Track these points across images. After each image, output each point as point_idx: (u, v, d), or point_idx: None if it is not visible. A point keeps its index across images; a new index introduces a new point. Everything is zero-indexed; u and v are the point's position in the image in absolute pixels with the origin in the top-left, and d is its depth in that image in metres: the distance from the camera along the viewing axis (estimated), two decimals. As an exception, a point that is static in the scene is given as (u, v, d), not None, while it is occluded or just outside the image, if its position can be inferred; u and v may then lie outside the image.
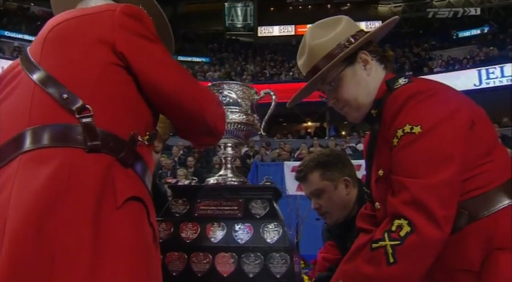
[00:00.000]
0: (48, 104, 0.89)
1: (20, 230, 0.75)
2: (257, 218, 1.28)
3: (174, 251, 1.25)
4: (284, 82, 16.63)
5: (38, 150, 0.84)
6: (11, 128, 0.90)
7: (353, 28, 1.24)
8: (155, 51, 0.99)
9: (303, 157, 11.04)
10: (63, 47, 0.98)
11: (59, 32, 1.01)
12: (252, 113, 1.45)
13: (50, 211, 0.77)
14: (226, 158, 1.45)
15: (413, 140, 1.02)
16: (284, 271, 1.19)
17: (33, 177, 0.80)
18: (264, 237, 1.24)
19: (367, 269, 1.00)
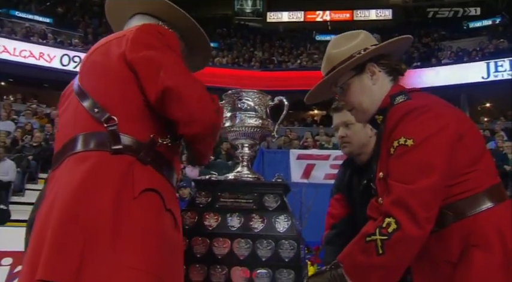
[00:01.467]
0: (84, 116, 1.12)
1: (62, 214, 0.99)
2: (269, 210, 1.49)
3: (198, 236, 1.47)
4: (292, 70, 16.67)
5: (78, 153, 1.08)
6: (64, 136, 1.15)
7: (368, 42, 1.41)
8: (158, 57, 1.12)
9: (308, 145, 11.21)
10: (97, 66, 1.19)
11: (97, 51, 1.24)
12: (266, 118, 1.65)
13: (82, 201, 0.99)
14: (243, 156, 1.66)
15: (406, 151, 1.20)
16: (292, 256, 1.41)
17: (72, 174, 1.04)
18: (276, 227, 1.46)
19: (360, 258, 1.21)
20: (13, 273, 3.68)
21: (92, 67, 1.20)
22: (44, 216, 1.03)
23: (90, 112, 1.11)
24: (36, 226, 1.05)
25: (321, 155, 7.57)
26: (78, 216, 0.97)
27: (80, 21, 18.20)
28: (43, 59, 14.45)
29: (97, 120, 1.09)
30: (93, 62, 1.21)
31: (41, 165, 9.26)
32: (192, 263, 1.43)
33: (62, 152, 1.13)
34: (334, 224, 2.04)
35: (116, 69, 1.14)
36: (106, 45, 1.22)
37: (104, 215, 0.98)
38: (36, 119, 11.44)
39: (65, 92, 1.29)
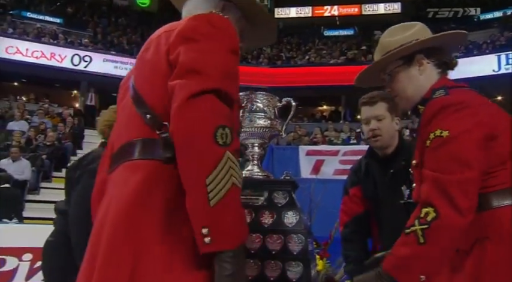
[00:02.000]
0: (138, 120, 1.06)
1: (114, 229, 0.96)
2: (279, 206, 1.57)
3: (211, 231, 1.56)
4: (300, 66, 16.67)
5: (132, 161, 1.03)
6: (120, 136, 1.12)
7: (423, 34, 1.45)
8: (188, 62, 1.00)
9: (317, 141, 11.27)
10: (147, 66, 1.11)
11: (150, 47, 1.14)
12: (275, 118, 1.73)
13: (135, 216, 0.96)
14: (253, 155, 1.75)
15: (442, 143, 1.24)
16: (300, 249, 1.49)
17: (126, 186, 1.00)
18: (284, 222, 1.54)
19: (402, 251, 1.23)
20: (33, 268, 3.82)
21: (143, 67, 1.13)
22: (99, 224, 1.02)
23: (143, 117, 1.05)
24: (93, 232, 1.04)
25: (330, 150, 7.62)
26: (129, 232, 0.95)
27: (89, 21, 18.43)
28: (54, 59, 14.68)
29: (150, 127, 1.03)
30: (144, 60, 1.13)
31: (55, 164, 9.47)
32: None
33: (118, 156, 1.09)
34: (348, 222, 2.10)
35: (163, 71, 1.05)
36: (158, 39, 1.12)
37: (156, 232, 0.95)
38: (48, 118, 11.67)
39: (123, 84, 1.23)
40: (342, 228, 2.13)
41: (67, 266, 1.96)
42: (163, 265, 0.93)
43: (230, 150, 0.94)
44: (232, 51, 1.07)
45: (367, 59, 16.67)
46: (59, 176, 9.47)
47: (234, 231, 0.92)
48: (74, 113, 12.99)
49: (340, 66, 16.39)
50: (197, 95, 0.94)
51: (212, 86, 0.97)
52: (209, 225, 0.89)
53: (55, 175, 9.40)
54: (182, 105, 0.93)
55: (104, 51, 15.70)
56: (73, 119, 11.76)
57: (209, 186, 0.89)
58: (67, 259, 1.99)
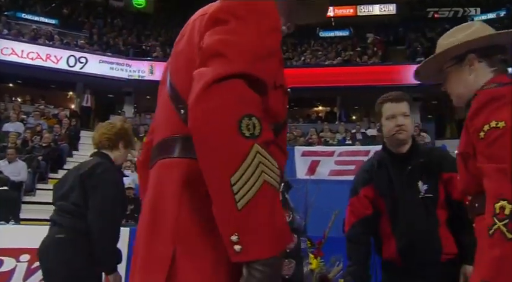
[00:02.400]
0: (173, 115, 0.99)
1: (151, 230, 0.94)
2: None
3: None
4: (295, 67, 16.75)
5: (169, 159, 0.97)
6: (158, 132, 1.06)
7: (477, 34, 1.43)
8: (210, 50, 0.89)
9: (313, 141, 11.34)
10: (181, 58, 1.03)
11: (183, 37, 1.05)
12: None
13: (164, 210, 0.92)
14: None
15: (501, 134, 1.21)
16: (292, 246, 1.55)
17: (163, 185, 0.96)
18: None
19: (495, 252, 1.15)
20: (31, 268, 3.84)
21: (177, 59, 1.04)
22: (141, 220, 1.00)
23: (178, 112, 0.98)
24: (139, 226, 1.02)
25: (325, 151, 7.70)
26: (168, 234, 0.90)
27: (85, 22, 18.43)
28: (50, 61, 14.67)
29: (185, 122, 0.93)
30: (177, 52, 1.05)
31: (51, 165, 9.49)
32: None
33: (156, 152, 1.04)
34: (355, 223, 2.13)
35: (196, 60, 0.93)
36: (192, 27, 1.03)
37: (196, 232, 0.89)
38: (44, 119, 11.67)
39: (163, 78, 1.18)
40: (348, 229, 2.16)
41: (78, 261, 2.21)
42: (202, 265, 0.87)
43: (259, 142, 0.80)
44: (269, 32, 0.92)
45: (362, 60, 16.78)
46: (55, 177, 9.49)
47: (268, 237, 0.78)
48: (70, 114, 13.00)
49: (335, 67, 16.47)
50: (219, 81, 0.81)
51: (238, 70, 0.83)
52: (238, 232, 0.77)
53: (51, 176, 9.42)
54: (201, 94, 0.81)
55: (100, 53, 15.71)
56: (69, 120, 11.76)
57: (235, 187, 0.77)
58: (79, 255, 2.21)
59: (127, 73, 15.50)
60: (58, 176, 9.58)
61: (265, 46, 0.91)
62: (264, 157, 0.79)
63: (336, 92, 16.58)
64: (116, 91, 16.47)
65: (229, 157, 0.78)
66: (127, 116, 14.17)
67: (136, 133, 11.77)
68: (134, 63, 15.76)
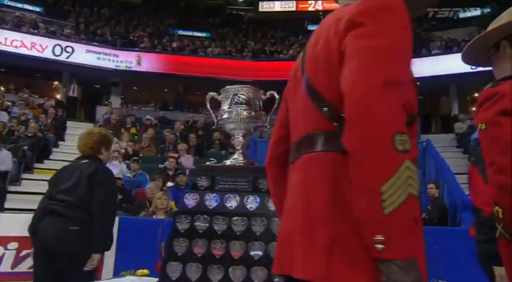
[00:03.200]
0: (314, 112, 1.05)
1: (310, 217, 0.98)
2: (263, 191, 1.70)
3: (200, 215, 1.67)
4: (283, 60, 16.78)
5: (313, 153, 1.04)
6: (297, 129, 1.13)
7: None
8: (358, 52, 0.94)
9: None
10: (321, 59, 1.06)
11: (319, 39, 1.08)
12: (259, 110, 1.85)
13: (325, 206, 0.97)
14: (238, 144, 1.87)
15: (483, 137, 1.29)
16: (282, 230, 1.62)
17: (313, 178, 1.02)
18: (268, 206, 1.67)
19: (503, 254, 1.27)
20: (19, 256, 3.86)
21: (316, 60, 1.08)
22: (288, 213, 1.07)
23: (320, 110, 1.03)
24: (283, 221, 1.08)
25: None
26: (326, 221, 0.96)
27: (71, 10, 18.10)
28: (35, 49, 14.39)
29: (327, 119, 1.02)
30: (316, 54, 1.08)
31: (37, 155, 9.39)
32: (195, 238, 1.64)
33: (298, 148, 1.11)
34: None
35: (337, 62, 1.00)
36: (328, 30, 1.06)
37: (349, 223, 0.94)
38: (29, 109, 11.50)
39: (294, 75, 1.21)
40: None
41: (87, 247, 2.68)
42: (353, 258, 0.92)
43: (409, 158, 0.87)
44: (404, 30, 0.97)
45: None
46: (41, 167, 9.41)
47: (408, 241, 0.87)
48: (55, 104, 12.81)
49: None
50: (373, 90, 0.87)
51: (388, 77, 0.89)
52: (383, 233, 0.85)
53: (37, 166, 9.33)
54: (358, 105, 0.88)
55: (87, 42, 15.48)
56: (55, 110, 11.60)
57: (384, 195, 0.85)
58: (87, 242, 2.68)
59: (114, 63, 15.32)
60: (44, 166, 9.50)
61: (404, 45, 0.96)
62: (412, 171, 0.87)
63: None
64: (103, 81, 16.28)
65: (383, 168, 0.86)
66: (114, 107, 14.03)
67: (123, 124, 11.70)
68: (122, 53, 15.57)
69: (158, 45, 16.71)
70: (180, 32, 19.51)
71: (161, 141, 10.09)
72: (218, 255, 1.61)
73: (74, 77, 15.37)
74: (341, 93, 0.95)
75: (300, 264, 0.97)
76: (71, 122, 12.70)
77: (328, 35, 1.04)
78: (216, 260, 1.61)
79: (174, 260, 1.63)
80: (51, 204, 2.77)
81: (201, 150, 10.02)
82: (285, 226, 1.08)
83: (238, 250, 1.60)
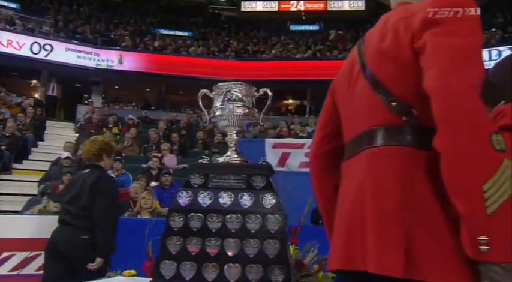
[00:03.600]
0: (380, 107, 1.05)
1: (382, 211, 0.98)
2: (257, 189, 1.69)
3: (193, 213, 1.65)
4: (266, 60, 16.83)
5: (379, 148, 1.04)
6: (356, 125, 1.12)
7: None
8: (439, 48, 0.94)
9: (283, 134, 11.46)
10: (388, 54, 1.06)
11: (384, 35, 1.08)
12: (252, 108, 1.84)
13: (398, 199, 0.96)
14: (232, 142, 1.85)
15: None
16: (277, 228, 1.61)
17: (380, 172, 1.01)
18: (263, 204, 1.66)
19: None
20: (-3, 259, 3.76)
21: (382, 57, 1.08)
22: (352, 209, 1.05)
23: (387, 105, 1.03)
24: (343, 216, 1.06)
25: (295, 143, 7.83)
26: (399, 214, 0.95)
27: (49, 7, 17.72)
28: (12, 47, 14.03)
29: (395, 113, 1.02)
30: (382, 50, 1.08)
31: (15, 155, 9.15)
32: (189, 236, 1.62)
33: (358, 142, 1.10)
34: None
35: (408, 59, 1.01)
36: (395, 27, 1.06)
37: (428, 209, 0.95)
38: (6, 108, 11.20)
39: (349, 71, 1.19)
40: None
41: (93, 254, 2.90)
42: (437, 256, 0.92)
43: (508, 157, 0.87)
44: (478, 26, 0.97)
45: (333, 54, 17.05)
46: (20, 168, 9.18)
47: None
48: (34, 103, 12.51)
49: (306, 61, 16.67)
50: (467, 89, 0.88)
51: (475, 78, 0.90)
52: (487, 234, 0.83)
53: (15, 167, 9.10)
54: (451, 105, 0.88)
55: (66, 40, 15.18)
56: (34, 109, 11.33)
57: (486, 194, 0.84)
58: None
59: (95, 62, 15.08)
60: (23, 166, 9.27)
61: (480, 44, 0.97)
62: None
63: (306, 85, 16.78)
64: (84, 80, 16.00)
65: (484, 167, 0.85)
66: (95, 106, 13.80)
67: (105, 123, 11.52)
68: (102, 52, 15.34)
69: (140, 44, 16.53)
70: (162, 31, 19.34)
71: (144, 140, 9.97)
72: (213, 253, 1.60)
73: (53, 76, 15.04)
74: (412, 89, 0.98)
75: (374, 259, 0.95)
76: (50, 121, 12.45)
77: (396, 32, 1.04)
78: (210, 258, 1.59)
79: (168, 259, 1.61)
80: (61, 214, 3.06)
81: (184, 150, 9.94)
82: (347, 222, 1.06)
83: (233, 248, 1.59)
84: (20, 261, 3.80)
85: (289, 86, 16.82)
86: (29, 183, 8.26)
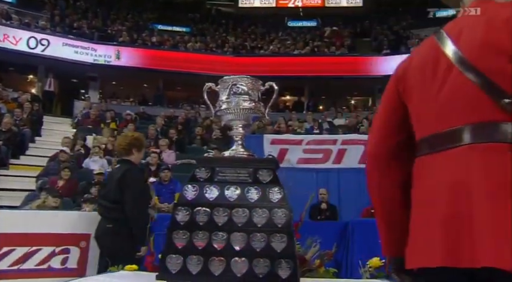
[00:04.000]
0: (484, 103, 1.04)
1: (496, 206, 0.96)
2: (264, 183, 1.68)
3: (200, 207, 1.65)
4: (264, 56, 16.79)
5: (490, 144, 1.02)
6: (451, 119, 1.09)
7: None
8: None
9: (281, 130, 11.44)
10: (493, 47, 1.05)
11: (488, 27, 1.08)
12: (258, 101, 1.83)
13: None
14: (237, 136, 1.84)
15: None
16: (284, 222, 1.61)
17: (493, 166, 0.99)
18: (269, 198, 1.65)
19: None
20: (-1, 254, 3.73)
21: (492, 51, 1.06)
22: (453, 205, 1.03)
23: (497, 101, 1.03)
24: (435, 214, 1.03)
25: (294, 139, 7.82)
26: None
27: (45, 2, 17.58)
28: (8, 41, 13.91)
29: (505, 111, 1.02)
30: (491, 45, 1.06)
31: (12, 151, 9.10)
32: (195, 230, 1.61)
33: (450, 138, 1.09)
34: None
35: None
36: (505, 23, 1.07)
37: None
38: (2, 103, 11.12)
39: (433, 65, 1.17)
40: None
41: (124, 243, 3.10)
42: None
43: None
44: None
45: (330, 51, 17.03)
46: (17, 163, 9.13)
47: None
48: (31, 98, 12.43)
49: (304, 57, 16.63)
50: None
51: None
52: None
53: (12, 162, 9.04)
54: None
55: (63, 35, 15.07)
56: (31, 104, 11.26)
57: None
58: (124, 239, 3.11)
59: (92, 57, 14.98)
60: (20, 162, 9.21)
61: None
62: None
63: (304, 82, 16.76)
64: (81, 76, 15.90)
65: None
66: (92, 102, 13.73)
67: (103, 119, 11.46)
68: (100, 47, 15.23)
69: (138, 40, 16.43)
70: (159, 27, 19.23)
71: (144, 136, 9.91)
72: (219, 247, 1.59)
73: (50, 71, 14.93)
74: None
75: (493, 253, 0.93)
76: (47, 117, 12.35)
77: (508, 27, 1.04)
78: (217, 253, 1.58)
79: (174, 253, 1.60)
80: (98, 207, 3.42)
81: (182, 146, 9.92)
82: (446, 219, 1.03)
83: (240, 242, 1.58)
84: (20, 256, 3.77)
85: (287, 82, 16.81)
86: (27, 178, 8.21)
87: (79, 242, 3.94)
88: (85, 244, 3.94)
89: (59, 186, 6.43)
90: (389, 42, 17.48)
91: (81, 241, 3.94)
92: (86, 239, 3.94)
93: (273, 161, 1.76)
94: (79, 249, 3.92)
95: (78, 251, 3.92)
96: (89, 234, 3.94)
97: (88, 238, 3.94)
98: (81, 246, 3.94)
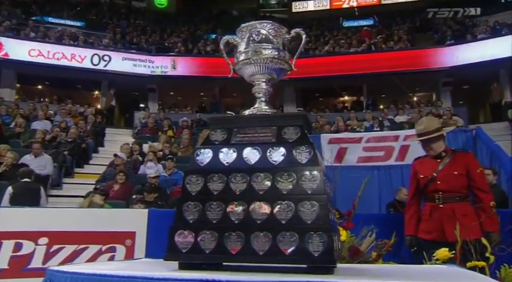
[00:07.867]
0: None
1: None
2: (289, 142, 1.37)
3: (214, 173, 1.37)
4: (320, 56, 16.35)
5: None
6: None
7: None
8: None
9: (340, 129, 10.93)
10: None
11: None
12: (283, 50, 1.52)
13: None
14: (259, 92, 1.55)
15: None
16: (315, 187, 1.28)
17: None
18: (297, 159, 1.33)
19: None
20: (49, 252, 3.72)
21: None
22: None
23: None
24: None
25: (353, 138, 7.30)
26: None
27: (109, 23, 18.66)
28: (75, 60, 14.87)
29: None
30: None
31: (76, 160, 9.50)
32: (208, 201, 1.34)
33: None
34: None
35: None
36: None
37: None
38: (70, 117, 11.78)
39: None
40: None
41: None
42: None
43: None
44: None
45: (388, 46, 16.17)
46: (81, 172, 9.52)
47: None
48: (95, 111, 13.10)
49: (360, 54, 15.95)
50: None
51: None
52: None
53: (77, 171, 9.44)
54: None
55: (122, 50, 15.81)
56: (94, 117, 11.82)
57: None
58: None
59: (150, 69, 15.53)
60: (84, 170, 9.60)
61: None
62: None
63: (362, 80, 16.06)
64: (140, 88, 16.54)
65: None
66: (151, 112, 14.14)
67: (160, 127, 11.72)
68: (157, 59, 15.76)
69: (193, 50, 16.78)
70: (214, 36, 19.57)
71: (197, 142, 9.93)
72: (237, 220, 1.29)
73: (112, 86, 15.70)
74: None
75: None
76: (109, 129, 12.90)
77: None
78: (234, 227, 1.29)
79: (185, 228, 1.33)
80: None
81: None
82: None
83: (261, 213, 1.28)
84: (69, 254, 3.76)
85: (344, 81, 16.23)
86: (90, 186, 8.49)
87: (125, 240, 3.85)
88: (130, 242, 3.84)
89: (114, 190, 6.50)
90: (453, 33, 16.29)
91: (127, 239, 3.85)
92: (132, 237, 3.85)
93: (300, 116, 1.44)
94: (125, 248, 3.83)
95: (124, 249, 3.82)
96: (134, 232, 3.85)
97: (133, 236, 3.84)
98: (126, 245, 3.84)
